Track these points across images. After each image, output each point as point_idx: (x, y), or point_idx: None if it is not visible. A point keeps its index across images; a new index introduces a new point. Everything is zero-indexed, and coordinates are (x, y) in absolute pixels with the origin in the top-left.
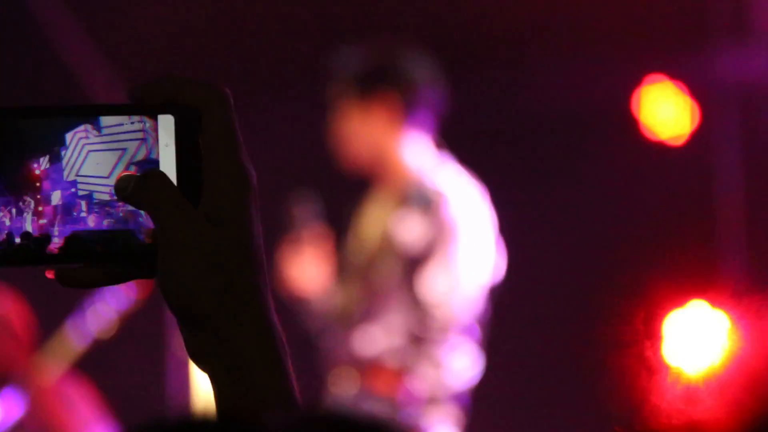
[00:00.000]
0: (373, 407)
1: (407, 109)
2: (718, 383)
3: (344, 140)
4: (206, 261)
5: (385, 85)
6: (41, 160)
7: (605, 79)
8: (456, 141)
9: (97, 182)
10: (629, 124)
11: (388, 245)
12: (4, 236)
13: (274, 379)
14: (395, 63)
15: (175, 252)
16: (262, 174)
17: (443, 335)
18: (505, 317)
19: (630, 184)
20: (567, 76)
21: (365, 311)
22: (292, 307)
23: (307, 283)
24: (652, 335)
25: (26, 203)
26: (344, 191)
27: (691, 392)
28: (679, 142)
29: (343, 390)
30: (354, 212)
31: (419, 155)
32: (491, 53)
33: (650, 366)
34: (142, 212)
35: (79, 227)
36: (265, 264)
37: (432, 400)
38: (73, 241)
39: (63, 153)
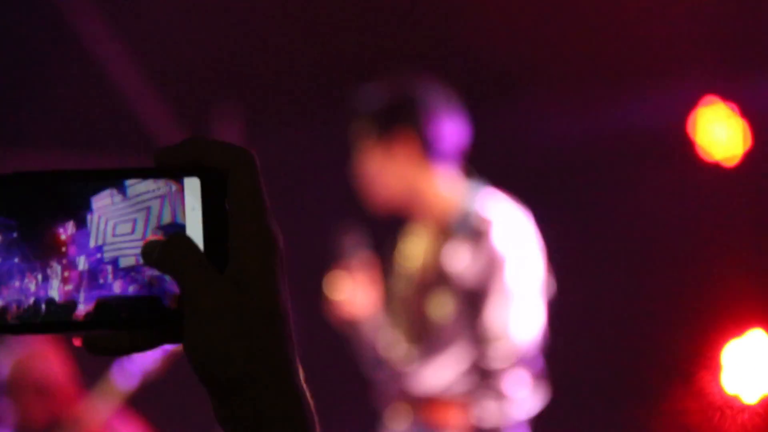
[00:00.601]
0: None
1: (437, 142)
2: None
3: (371, 177)
4: (233, 327)
5: (408, 120)
6: (67, 225)
7: (661, 101)
8: (504, 169)
9: (122, 247)
10: (685, 145)
11: (434, 276)
12: (30, 303)
13: None
14: (419, 97)
15: (202, 318)
16: (307, 205)
17: (500, 366)
18: (559, 345)
19: (686, 206)
20: (620, 100)
21: (417, 344)
22: (342, 334)
23: (357, 310)
24: (711, 364)
25: (52, 269)
26: (385, 226)
27: (748, 420)
28: (733, 163)
29: (400, 425)
30: (396, 246)
31: (452, 186)
32: (542, 79)
33: (708, 394)
34: (167, 278)
35: (105, 293)
36: (293, 330)
37: None
38: (98, 307)
39: (88, 218)
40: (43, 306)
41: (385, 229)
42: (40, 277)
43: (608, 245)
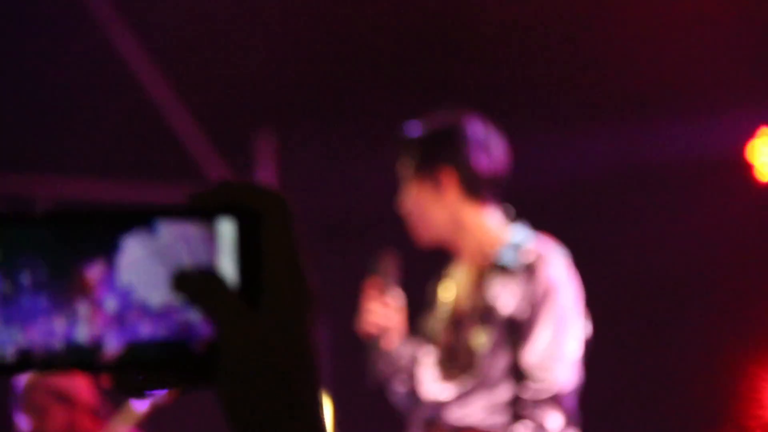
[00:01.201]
0: None
1: (474, 179)
2: None
3: (415, 211)
4: (268, 369)
5: (452, 154)
6: (95, 265)
7: (719, 131)
8: (552, 201)
9: (152, 289)
10: (742, 174)
11: (474, 309)
12: (56, 344)
13: None
14: (463, 131)
15: (237, 357)
16: (344, 232)
17: (540, 399)
18: (603, 380)
19: (742, 230)
20: (672, 130)
21: (459, 379)
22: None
23: (388, 335)
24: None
25: (79, 310)
26: (427, 257)
27: None
28: None
29: None
30: (438, 277)
31: (496, 220)
32: (594, 109)
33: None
34: (196, 321)
35: (133, 335)
36: (320, 379)
37: None
38: (125, 349)
39: (118, 258)
40: (69, 347)
41: (426, 260)
42: (66, 317)
43: (662, 271)
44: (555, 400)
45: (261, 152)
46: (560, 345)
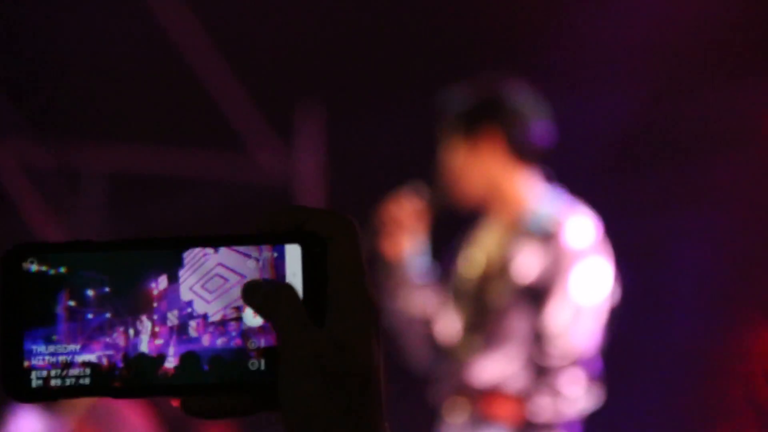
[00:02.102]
0: None
1: (517, 142)
2: None
3: (455, 174)
4: (328, 382)
5: (492, 119)
6: (159, 280)
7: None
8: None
9: (213, 305)
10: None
11: (503, 273)
12: (119, 358)
13: None
14: (502, 97)
15: (298, 369)
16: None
17: (560, 364)
18: (624, 347)
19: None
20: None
21: (480, 338)
22: (401, 334)
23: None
24: None
25: (142, 324)
26: (457, 220)
27: None
28: None
29: (457, 418)
30: (467, 240)
31: (531, 186)
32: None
33: None
34: (256, 338)
35: (194, 349)
36: (385, 400)
37: (546, 428)
38: (187, 362)
39: (180, 274)
40: (131, 360)
41: (460, 223)
42: (131, 331)
43: (682, 243)
44: (575, 366)
45: (306, 121)
46: (579, 314)
